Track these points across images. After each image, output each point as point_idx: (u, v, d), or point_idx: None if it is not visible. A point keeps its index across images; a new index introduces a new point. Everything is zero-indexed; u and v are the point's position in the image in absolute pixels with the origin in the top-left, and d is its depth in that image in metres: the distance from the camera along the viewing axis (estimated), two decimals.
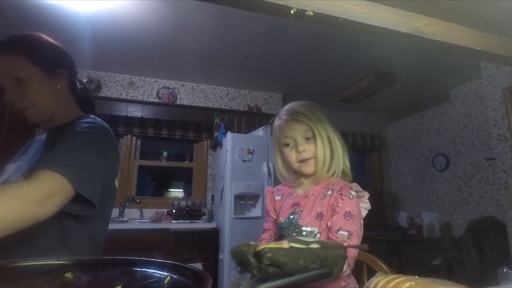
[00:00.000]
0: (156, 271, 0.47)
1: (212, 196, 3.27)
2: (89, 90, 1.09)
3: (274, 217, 0.97)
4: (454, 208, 3.42)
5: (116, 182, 0.92)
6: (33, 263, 0.48)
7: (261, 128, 3.02)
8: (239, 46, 2.69)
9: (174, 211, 2.92)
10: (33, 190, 0.63)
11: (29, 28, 0.87)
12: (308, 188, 0.91)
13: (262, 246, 0.54)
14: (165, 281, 0.44)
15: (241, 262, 0.56)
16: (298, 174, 0.93)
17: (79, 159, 0.72)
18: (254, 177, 2.63)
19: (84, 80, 3.09)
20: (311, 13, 0.58)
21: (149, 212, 3.09)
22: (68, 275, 0.44)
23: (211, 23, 2.36)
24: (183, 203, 3.00)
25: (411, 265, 3.51)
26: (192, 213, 2.95)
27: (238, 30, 2.44)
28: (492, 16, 0.68)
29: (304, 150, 0.88)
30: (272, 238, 0.97)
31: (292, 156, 0.90)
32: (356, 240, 0.80)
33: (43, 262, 0.48)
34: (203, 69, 3.18)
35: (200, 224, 2.81)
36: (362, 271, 0.94)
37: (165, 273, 0.46)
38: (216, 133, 3.12)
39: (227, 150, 2.67)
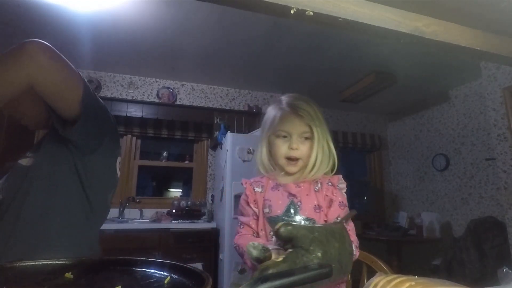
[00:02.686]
0: (156, 271, 0.47)
1: (212, 196, 3.27)
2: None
3: (255, 209, 0.91)
4: (454, 208, 3.42)
5: (118, 171, 0.92)
6: (33, 263, 0.48)
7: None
8: (239, 46, 2.69)
9: (174, 211, 2.92)
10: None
11: (28, 28, 0.88)
12: (296, 180, 0.90)
13: (280, 224, 0.54)
14: (165, 281, 0.44)
15: (257, 254, 0.54)
16: (280, 169, 0.91)
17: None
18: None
19: None
20: (311, 13, 0.58)
21: (149, 212, 3.09)
22: (68, 275, 0.45)
23: (211, 23, 2.36)
24: (183, 203, 3.00)
25: (411, 265, 3.51)
26: (192, 213, 2.95)
27: (238, 30, 2.44)
28: (492, 16, 0.68)
29: (297, 149, 0.86)
30: (255, 234, 0.90)
31: (282, 149, 0.87)
32: (352, 224, 0.83)
33: (43, 262, 0.48)
34: (203, 69, 3.18)
35: (200, 224, 2.81)
36: (362, 271, 0.94)
37: (165, 273, 0.46)
38: (216, 133, 3.12)
39: (227, 150, 2.67)
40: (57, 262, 0.48)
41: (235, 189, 2.56)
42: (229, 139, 2.68)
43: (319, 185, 0.88)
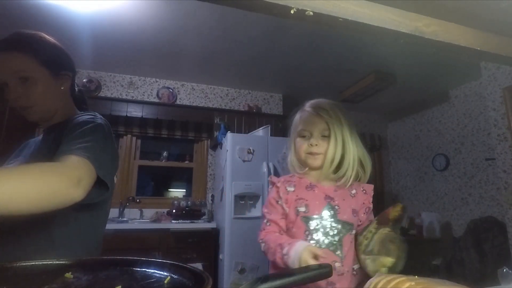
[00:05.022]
0: (156, 271, 0.47)
1: (212, 196, 3.27)
2: (84, 91, 1.09)
3: (286, 208, 0.92)
4: (454, 208, 3.42)
5: (115, 178, 0.93)
6: (33, 263, 0.48)
7: (261, 128, 3.02)
8: (239, 46, 2.69)
9: (174, 211, 2.92)
10: (69, 170, 0.64)
11: (28, 28, 0.88)
12: (330, 183, 0.94)
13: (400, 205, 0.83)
14: (165, 281, 0.44)
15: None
16: (304, 165, 0.95)
17: (92, 144, 0.74)
18: (254, 177, 2.63)
19: (84, 80, 3.10)
20: (311, 13, 0.58)
21: (149, 212, 3.09)
22: (68, 275, 0.45)
23: (211, 23, 2.36)
24: (183, 203, 3.00)
25: (411, 265, 3.51)
26: (192, 213, 2.94)
27: (238, 30, 2.44)
28: (492, 16, 0.68)
29: (316, 145, 0.91)
30: (281, 232, 0.92)
31: (303, 146, 0.93)
32: None
33: (43, 262, 0.48)
34: (203, 69, 3.18)
35: (200, 224, 2.81)
36: None
37: (165, 273, 0.46)
38: (216, 133, 3.12)
39: (227, 150, 2.67)
40: (57, 262, 0.48)
41: (235, 189, 2.56)
42: (229, 139, 2.68)
43: (354, 191, 0.94)
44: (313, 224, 0.88)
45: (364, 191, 0.96)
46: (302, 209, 0.90)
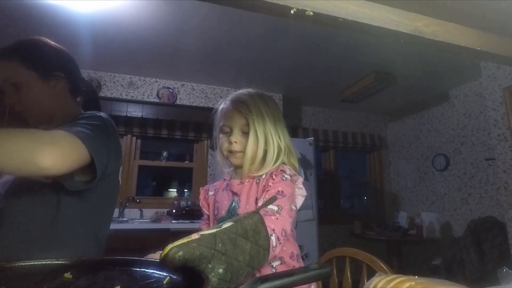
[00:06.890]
0: (155, 271, 0.47)
1: None
2: (95, 91, 1.08)
3: (207, 213, 0.95)
4: (454, 208, 3.42)
5: (120, 179, 0.92)
6: (33, 263, 0.48)
7: None
8: (239, 46, 2.69)
9: (174, 211, 2.92)
10: (44, 135, 0.61)
11: (29, 28, 0.88)
12: (244, 177, 0.87)
13: (167, 248, 0.42)
14: (164, 281, 0.44)
15: None
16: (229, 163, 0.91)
17: (85, 127, 0.72)
18: None
19: None
20: (311, 13, 0.58)
21: (149, 212, 3.09)
22: (68, 275, 0.44)
23: (211, 23, 2.36)
24: (183, 203, 3.00)
25: (411, 265, 3.51)
26: (192, 213, 2.94)
27: (238, 30, 2.44)
28: (492, 16, 0.68)
29: (236, 142, 0.85)
30: None
31: (225, 144, 0.87)
32: (287, 217, 0.72)
33: (43, 262, 0.48)
34: (203, 69, 3.18)
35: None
36: (362, 271, 0.94)
37: (164, 273, 0.46)
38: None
39: None
40: (56, 262, 0.48)
41: None
42: None
43: (263, 176, 0.83)
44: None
45: (270, 174, 0.81)
46: (216, 212, 0.90)
